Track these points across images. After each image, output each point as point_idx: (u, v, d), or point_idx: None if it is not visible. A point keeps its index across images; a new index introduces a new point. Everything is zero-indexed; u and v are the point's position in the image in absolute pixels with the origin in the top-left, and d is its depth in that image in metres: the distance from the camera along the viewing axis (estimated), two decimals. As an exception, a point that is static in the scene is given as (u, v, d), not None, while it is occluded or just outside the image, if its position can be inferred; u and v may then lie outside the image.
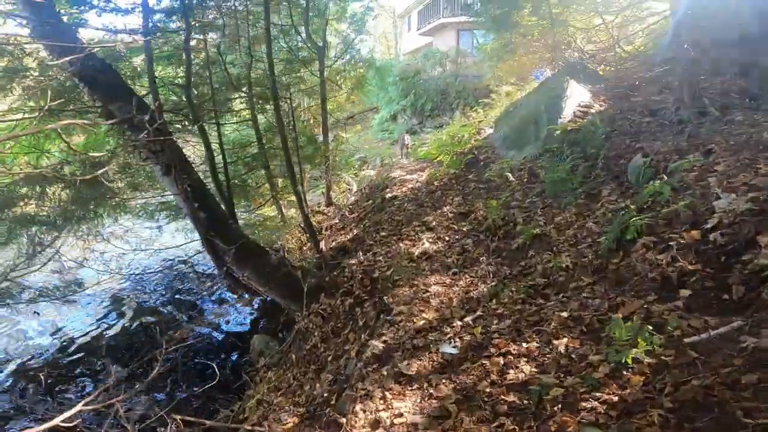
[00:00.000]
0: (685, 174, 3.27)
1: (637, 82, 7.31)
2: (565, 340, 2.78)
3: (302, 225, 6.59)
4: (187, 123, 7.04)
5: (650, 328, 2.43)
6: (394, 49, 29.20)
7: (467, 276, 4.07)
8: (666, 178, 3.30)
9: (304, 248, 8.17)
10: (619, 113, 5.84)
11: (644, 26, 10.27)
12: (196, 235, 4.84)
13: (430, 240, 4.95)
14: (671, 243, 2.83)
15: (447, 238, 4.88)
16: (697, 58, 5.83)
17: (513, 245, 4.17)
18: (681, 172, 3.29)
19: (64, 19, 5.30)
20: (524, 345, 2.87)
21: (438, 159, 8.04)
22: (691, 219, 2.89)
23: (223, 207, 4.95)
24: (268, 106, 8.25)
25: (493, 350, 2.96)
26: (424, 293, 3.92)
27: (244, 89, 7.63)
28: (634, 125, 5.36)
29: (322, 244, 6.29)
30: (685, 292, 2.64)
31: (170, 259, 8.80)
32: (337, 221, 7.99)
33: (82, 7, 5.40)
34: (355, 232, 6.89)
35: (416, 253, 4.67)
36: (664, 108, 5.65)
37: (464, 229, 4.91)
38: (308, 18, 7.70)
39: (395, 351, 3.35)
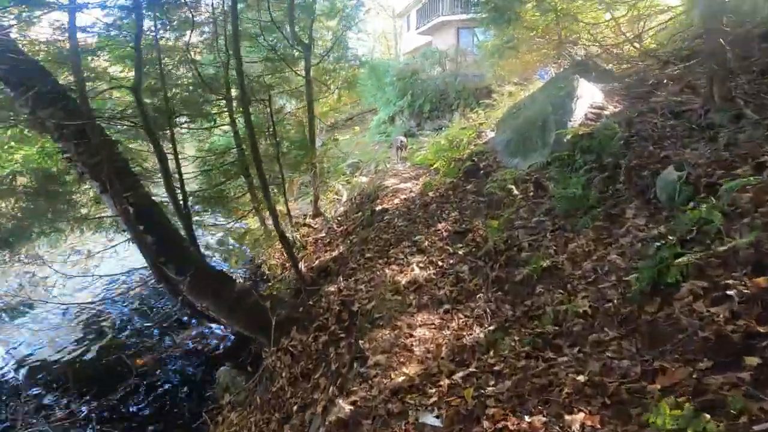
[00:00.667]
0: (738, 196, 2.55)
1: (654, 81, 6.59)
2: (580, 415, 2.11)
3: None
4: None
5: (707, 416, 1.75)
6: (394, 49, 28.52)
7: (461, 315, 3.36)
8: (713, 200, 2.58)
9: (288, 264, 7.49)
10: (637, 115, 5.12)
11: (656, 23, 9.56)
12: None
13: (421, 265, 4.25)
14: (730, 292, 2.11)
15: (440, 263, 4.18)
16: (726, 54, 5.12)
17: (517, 276, 3.46)
18: (732, 192, 2.57)
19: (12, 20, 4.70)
20: (526, 419, 2.20)
21: (435, 166, 7.35)
22: (755, 259, 2.17)
23: (182, 227, 4.29)
24: (250, 109, 7.60)
25: (486, 424, 2.28)
26: (407, 337, 3.22)
27: (222, 91, 6.99)
28: (657, 129, 4.64)
29: (301, 265, 5.60)
30: (752, 361, 1.94)
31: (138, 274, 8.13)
32: (324, 235, 7.31)
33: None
34: (341, 249, 6.20)
35: (403, 282, 3.97)
36: (690, 109, 4.93)
37: (460, 253, 4.20)
38: (293, 13, 7.02)
39: (365, 417, 2.66)
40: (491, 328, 3.12)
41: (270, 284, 6.91)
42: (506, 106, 8.96)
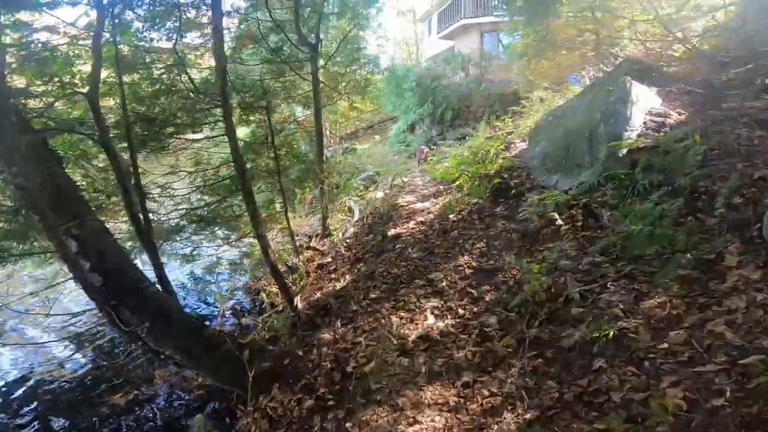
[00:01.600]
0: None
1: (718, 84, 5.66)
2: None
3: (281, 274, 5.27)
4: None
5: None
6: (415, 55, 28.01)
7: (485, 391, 2.53)
8: None
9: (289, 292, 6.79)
10: (711, 125, 4.22)
11: (704, 21, 8.61)
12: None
13: (437, 312, 3.44)
14: None
15: (461, 311, 3.37)
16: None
17: (565, 339, 2.61)
18: None
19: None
20: None
21: (458, 183, 6.54)
22: None
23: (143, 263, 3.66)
24: (252, 117, 7.01)
25: None
26: (410, 424, 2.42)
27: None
28: (743, 142, 3.73)
29: (299, 299, 4.88)
30: None
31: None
32: (330, 260, 6.58)
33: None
34: (348, 278, 5.46)
35: (412, 337, 3.18)
36: (781, 116, 4.02)
37: (487, 298, 3.37)
38: (299, 11, 6.43)
39: None
40: (527, 416, 2.29)
41: (266, 315, 6.22)
42: (537, 113, 8.11)
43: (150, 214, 7.02)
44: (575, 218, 3.58)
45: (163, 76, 6.18)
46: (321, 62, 7.27)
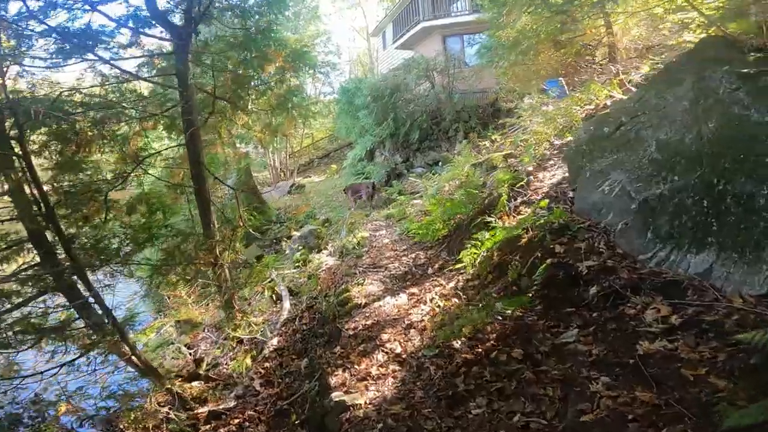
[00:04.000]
0: None
1: None
2: None
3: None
4: None
5: None
6: (372, 72, 26.02)
7: None
8: None
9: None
10: None
11: None
12: None
13: None
14: None
15: None
16: None
17: None
18: None
19: None
20: None
21: (460, 262, 3.64)
22: None
23: None
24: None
25: None
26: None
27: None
28: None
29: None
30: None
31: None
32: (233, 405, 3.72)
33: None
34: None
35: None
36: None
37: None
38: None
39: None
40: None
41: None
42: (543, 125, 5.77)
43: None
44: None
45: None
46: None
